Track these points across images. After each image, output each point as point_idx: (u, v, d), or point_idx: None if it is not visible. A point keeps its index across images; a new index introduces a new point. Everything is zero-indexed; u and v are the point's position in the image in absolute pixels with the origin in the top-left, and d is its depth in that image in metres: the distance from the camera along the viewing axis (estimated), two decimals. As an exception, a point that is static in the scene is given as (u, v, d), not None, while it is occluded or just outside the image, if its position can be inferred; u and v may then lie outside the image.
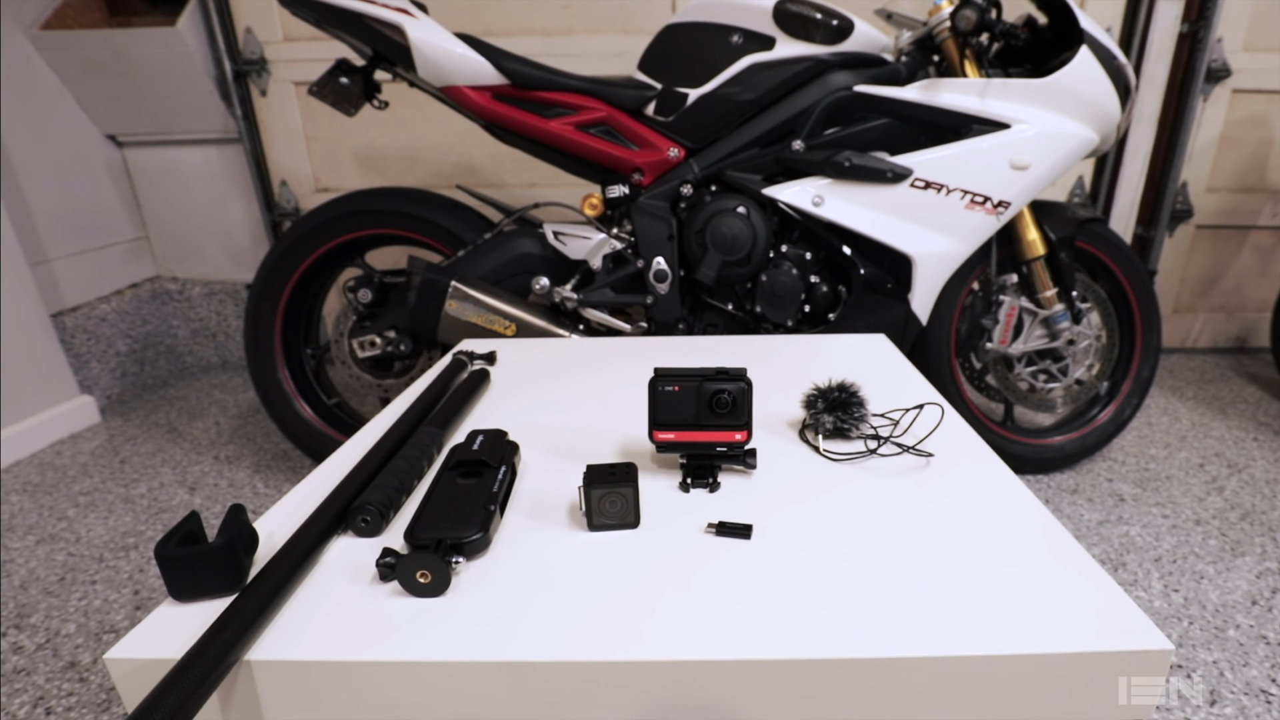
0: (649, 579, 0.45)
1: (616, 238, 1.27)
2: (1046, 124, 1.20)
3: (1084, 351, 1.37)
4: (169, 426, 1.75)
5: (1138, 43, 1.83)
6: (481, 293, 1.22)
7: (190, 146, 1.98)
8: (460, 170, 1.97)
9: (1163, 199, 1.97)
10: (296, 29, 1.82)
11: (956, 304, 1.33)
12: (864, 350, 0.91)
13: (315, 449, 1.42)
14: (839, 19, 1.21)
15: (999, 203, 1.21)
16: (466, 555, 0.46)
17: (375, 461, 0.56)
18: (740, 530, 0.49)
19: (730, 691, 0.39)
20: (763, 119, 1.24)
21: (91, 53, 1.78)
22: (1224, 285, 2.12)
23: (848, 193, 1.21)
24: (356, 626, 0.41)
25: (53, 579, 1.17)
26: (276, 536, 0.48)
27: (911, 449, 0.61)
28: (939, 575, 0.44)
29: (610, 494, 0.49)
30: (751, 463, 0.58)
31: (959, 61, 1.24)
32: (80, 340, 1.82)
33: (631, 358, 0.89)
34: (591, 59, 1.80)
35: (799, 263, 1.26)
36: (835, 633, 0.39)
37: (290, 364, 1.42)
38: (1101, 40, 1.20)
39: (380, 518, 0.49)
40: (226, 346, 2.18)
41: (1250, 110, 1.93)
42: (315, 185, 2.01)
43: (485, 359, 0.87)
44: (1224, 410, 1.74)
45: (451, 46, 1.18)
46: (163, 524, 1.33)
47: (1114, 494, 1.38)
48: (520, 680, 0.39)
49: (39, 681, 0.95)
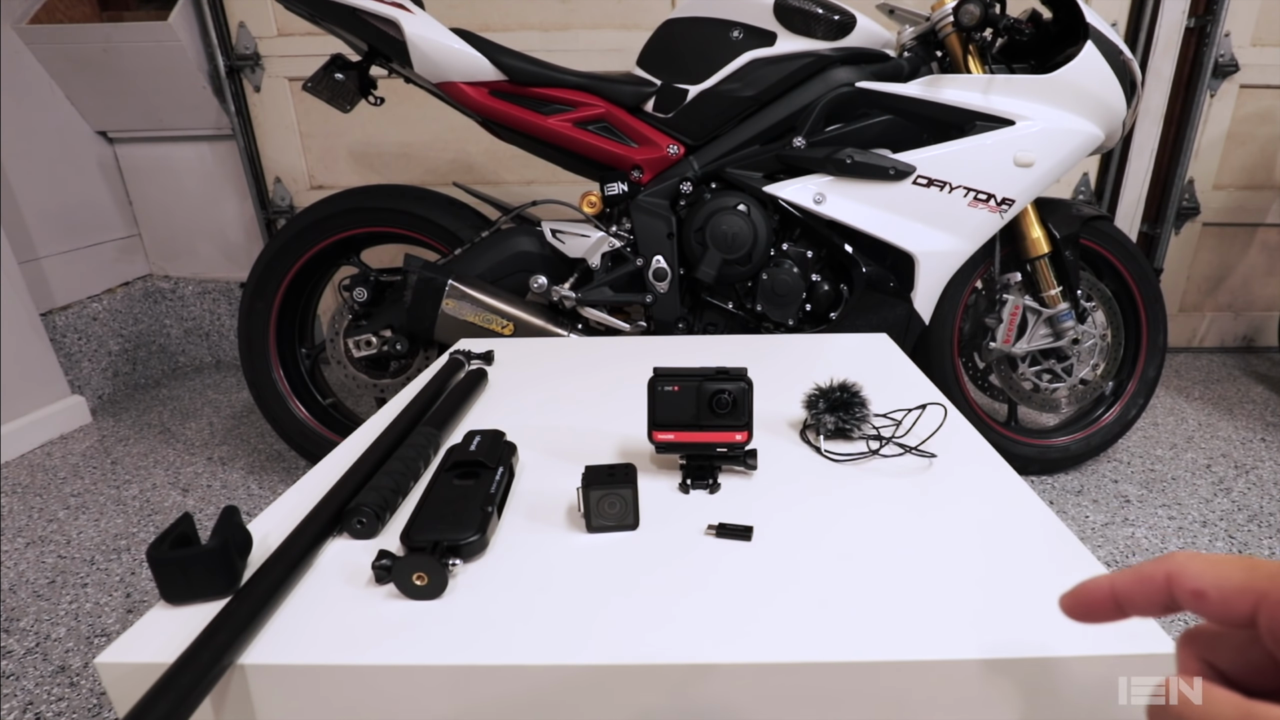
0: (649, 581, 0.44)
1: (615, 236, 1.25)
2: (1051, 120, 1.19)
3: (1089, 351, 1.36)
4: (161, 427, 1.74)
5: (1144, 38, 1.82)
6: (479, 291, 1.21)
7: (183, 143, 1.97)
8: (457, 167, 1.96)
9: (1169, 196, 1.97)
10: (290, 24, 1.81)
11: (960, 303, 1.32)
12: (866, 350, 0.90)
13: (310, 450, 1.41)
14: (841, 14, 1.20)
15: (1003, 200, 1.20)
16: (463, 557, 0.45)
17: (371, 462, 0.55)
18: (741, 532, 0.48)
19: (730, 695, 0.38)
20: (763, 115, 1.23)
21: (82, 47, 1.77)
22: (1231, 283, 2.11)
23: (849, 190, 1.20)
24: (352, 630, 0.40)
25: (43, 582, 1.15)
26: (271, 539, 0.47)
27: (914, 450, 0.60)
28: (942, 577, 0.44)
29: (609, 495, 0.48)
30: (752, 463, 0.57)
31: (962, 57, 1.23)
32: (71, 339, 1.81)
33: (631, 357, 0.88)
34: (590, 55, 1.79)
35: (800, 261, 1.24)
36: (836, 635, 0.39)
37: (285, 364, 1.40)
38: (1107, 35, 1.19)
39: (376, 519, 0.49)
40: (220, 346, 2.17)
41: (1258, 106, 1.92)
42: (310, 182, 1.99)
43: (483, 358, 0.86)
44: (1231, 410, 1.73)
45: (448, 42, 1.17)
46: (155, 526, 1.31)
47: (1119, 495, 1.37)
48: (518, 684, 0.38)
49: (28, 686, 0.94)
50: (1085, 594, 0.23)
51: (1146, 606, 0.22)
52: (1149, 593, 0.21)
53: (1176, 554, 0.21)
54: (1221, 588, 0.20)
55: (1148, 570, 0.22)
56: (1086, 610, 0.24)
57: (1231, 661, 0.21)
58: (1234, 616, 0.20)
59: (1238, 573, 0.20)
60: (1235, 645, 0.21)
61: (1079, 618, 0.24)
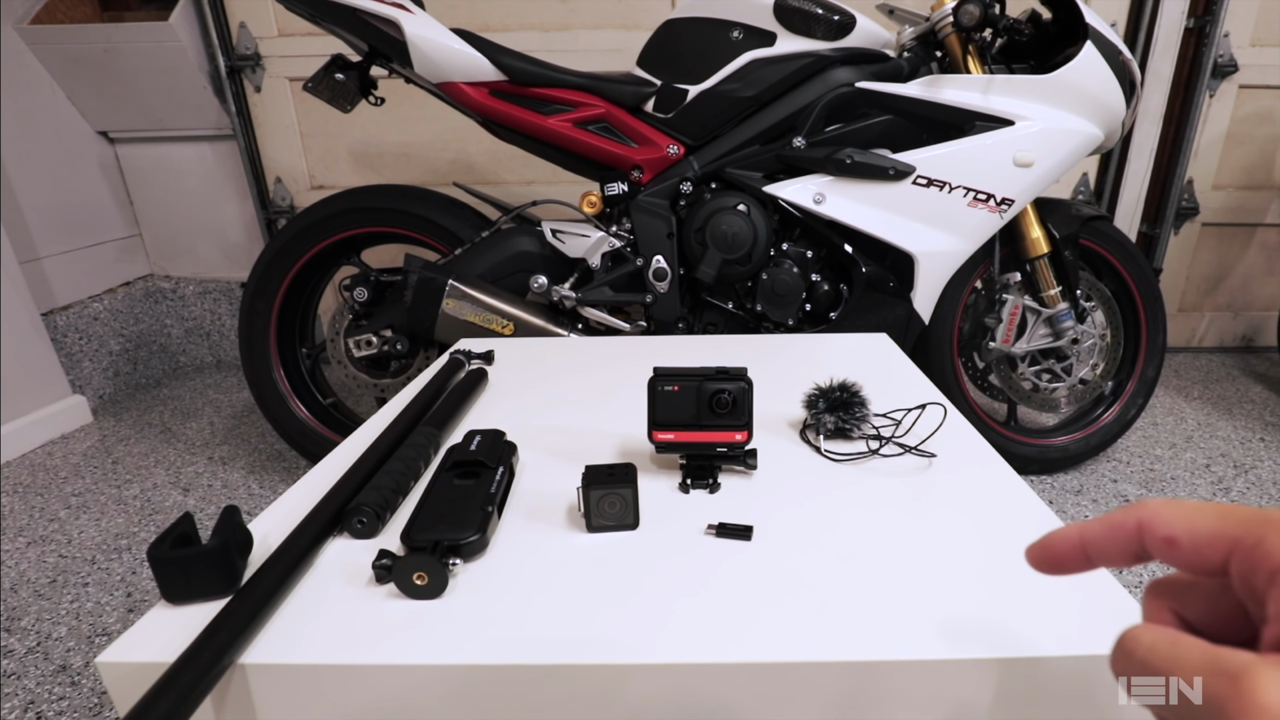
0: (648, 581, 0.44)
1: (615, 236, 1.26)
2: (1050, 120, 1.19)
3: (1088, 351, 1.36)
4: (162, 427, 1.74)
5: (1143, 38, 1.82)
6: (479, 291, 1.21)
7: (183, 143, 1.97)
8: (457, 167, 1.96)
9: (1168, 196, 1.96)
10: (291, 24, 1.81)
11: (959, 303, 1.32)
12: (866, 349, 0.90)
13: (310, 449, 1.41)
14: (840, 14, 1.20)
15: (1002, 200, 1.20)
16: (464, 557, 0.45)
17: (371, 462, 0.55)
18: (741, 531, 0.48)
19: (730, 694, 0.38)
20: (763, 115, 1.23)
21: (83, 47, 1.77)
22: (1230, 283, 2.11)
23: (849, 190, 1.20)
24: (352, 630, 0.40)
25: (44, 581, 1.16)
26: (271, 538, 0.47)
27: (914, 449, 0.60)
28: (941, 577, 0.44)
29: (609, 495, 0.48)
30: (752, 463, 0.57)
31: (962, 57, 1.23)
32: (72, 339, 1.81)
33: (630, 357, 0.88)
34: (590, 55, 1.79)
35: (800, 261, 1.24)
36: (836, 635, 0.39)
37: (285, 363, 1.41)
38: (1107, 35, 1.19)
39: (376, 519, 0.49)
40: (220, 346, 2.17)
41: (1257, 106, 1.92)
42: (310, 182, 1.99)
43: (483, 358, 0.86)
44: (1230, 410, 1.73)
45: (448, 42, 1.17)
46: (156, 525, 1.31)
47: (1119, 495, 1.37)
48: (518, 684, 0.38)
49: (29, 686, 0.94)
50: (1052, 545, 0.23)
51: (1116, 556, 0.21)
52: (1119, 540, 0.21)
53: (1148, 501, 0.21)
54: (1194, 534, 0.19)
55: (1118, 518, 0.21)
56: (1054, 561, 0.23)
57: (1199, 612, 0.21)
58: (1206, 564, 0.19)
59: (1210, 519, 0.19)
60: (1204, 595, 0.21)
61: (1046, 569, 0.23)
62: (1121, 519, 0.21)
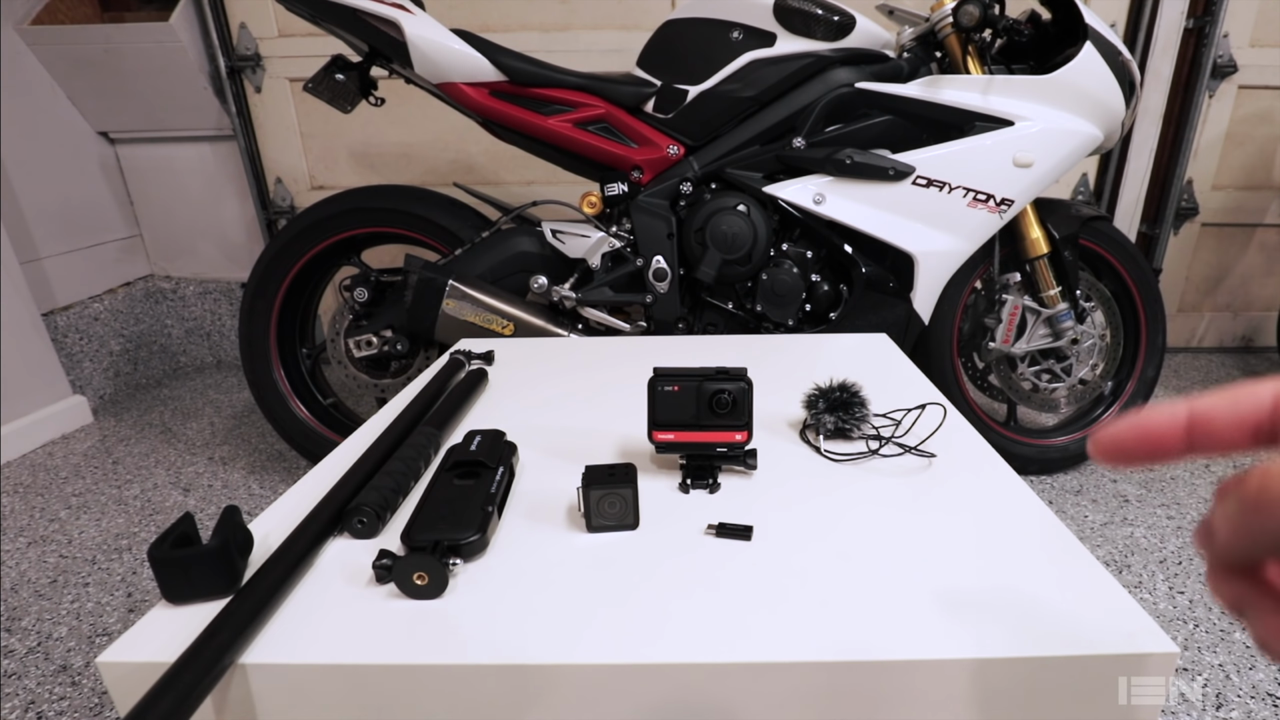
0: (649, 581, 0.44)
1: (615, 236, 1.26)
2: (1050, 121, 1.19)
3: (1088, 351, 1.36)
4: (162, 427, 1.74)
5: (1143, 38, 1.82)
6: (479, 291, 1.21)
7: (184, 143, 1.97)
8: (457, 168, 1.96)
9: (1168, 196, 1.96)
10: (291, 24, 1.81)
11: (959, 303, 1.32)
12: (865, 350, 0.90)
13: (311, 450, 1.41)
14: (840, 15, 1.20)
15: (1002, 200, 1.20)
16: (464, 557, 0.45)
17: (372, 462, 0.55)
18: (741, 531, 0.49)
19: (731, 694, 0.38)
20: (763, 116, 1.23)
21: (83, 48, 1.77)
22: (1230, 284, 2.11)
23: (849, 190, 1.20)
24: (352, 629, 0.40)
25: (44, 581, 1.16)
26: (272, 538, 0.47)
27: (913, 449, 0.60)
28: (941, 577, 0.44)
29: (609, 495, 0.48)
30: (752, 463, 0.57)
31: (961, 58, 1.23)
32: (72, 339, 1.81)
33: (630, 357, 0.88)
34: (590, 55, 1.79)
35: (800, 261, 1.25)
36: (836, 635, 0.39)
37: (285, 364, 1.41)
38: (1106, 36, 1.19)
39: (377, 519, 0.49)
40: (221, 346, 2.17)
41: (1257, 106, 1.92)
42: (310, 183, 1.99)
43: (483, 358, 0.86)
44: (1227, 410, 1.73)
45: (448, 43, 1.17)
46: (156, 525, 1.31)
47: (1118, 495, 1.37)
48: (518, 684, 0.38)
49: (30, 686, 0.94)
50: (1147, 423, 0.18)
51: (1232, 436, 0.17)
52: (1244, 413, 0.17)
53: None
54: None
55: (1246, 388, 0.17)
56: (1141, 443, 0.18)
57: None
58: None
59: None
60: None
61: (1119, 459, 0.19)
62: (1253, 388, 0.17)
